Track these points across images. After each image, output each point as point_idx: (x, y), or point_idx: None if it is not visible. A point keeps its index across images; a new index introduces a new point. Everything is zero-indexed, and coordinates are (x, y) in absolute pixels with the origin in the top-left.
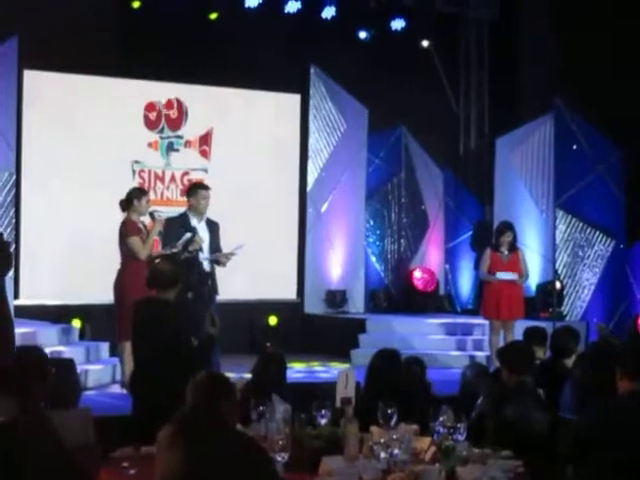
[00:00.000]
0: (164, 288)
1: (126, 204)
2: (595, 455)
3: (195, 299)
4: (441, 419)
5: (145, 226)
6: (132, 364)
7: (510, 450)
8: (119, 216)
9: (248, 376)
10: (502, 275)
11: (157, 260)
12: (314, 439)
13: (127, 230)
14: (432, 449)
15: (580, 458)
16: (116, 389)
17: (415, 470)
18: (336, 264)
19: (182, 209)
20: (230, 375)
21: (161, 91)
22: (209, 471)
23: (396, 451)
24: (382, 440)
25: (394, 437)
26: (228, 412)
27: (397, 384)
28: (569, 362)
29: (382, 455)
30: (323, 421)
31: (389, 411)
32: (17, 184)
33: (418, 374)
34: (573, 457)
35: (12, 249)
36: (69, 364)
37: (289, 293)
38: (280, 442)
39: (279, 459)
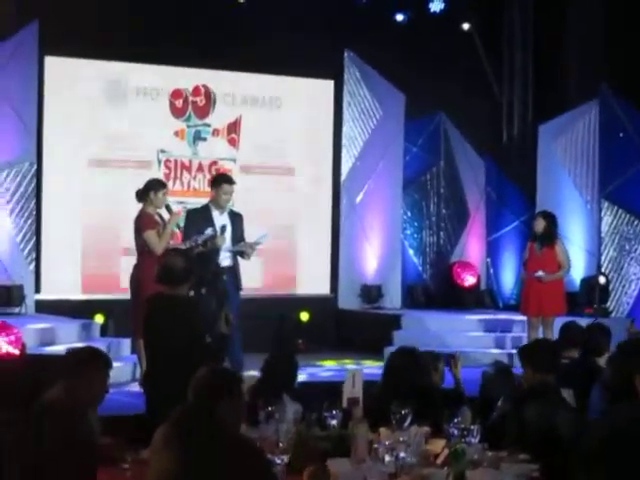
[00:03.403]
0: (175, 284)
1: (142, 195)
2: (607, 465)
3: (209, 295)
4: (456, 421)
5: (163, 219)
6: None
7: (532, 453)
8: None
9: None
10: (531, 274)
11: (169, 255)
12: (321, 440)
13: (142, 224)
14: (445, 452)
15: (593, 467)
16: (136, 387)
17: (422, 473)
18: (372, 257)
19: None
20: (254, 373)
21: (188, 78)
22: (202, 474)
23: (402, 454)
24: (387, 442)
25: (400, 439)
26: (229, 412)
27: (415, 384)
28: (601, 361)
29: (387, 458)
30: (333, 422)
31: (403, 412)
32: (38, 174)
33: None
34: (586, 466)
35: (32, 242)
36: None
37: (322, 288)
38: (282, 444)
39: (278, 461)
